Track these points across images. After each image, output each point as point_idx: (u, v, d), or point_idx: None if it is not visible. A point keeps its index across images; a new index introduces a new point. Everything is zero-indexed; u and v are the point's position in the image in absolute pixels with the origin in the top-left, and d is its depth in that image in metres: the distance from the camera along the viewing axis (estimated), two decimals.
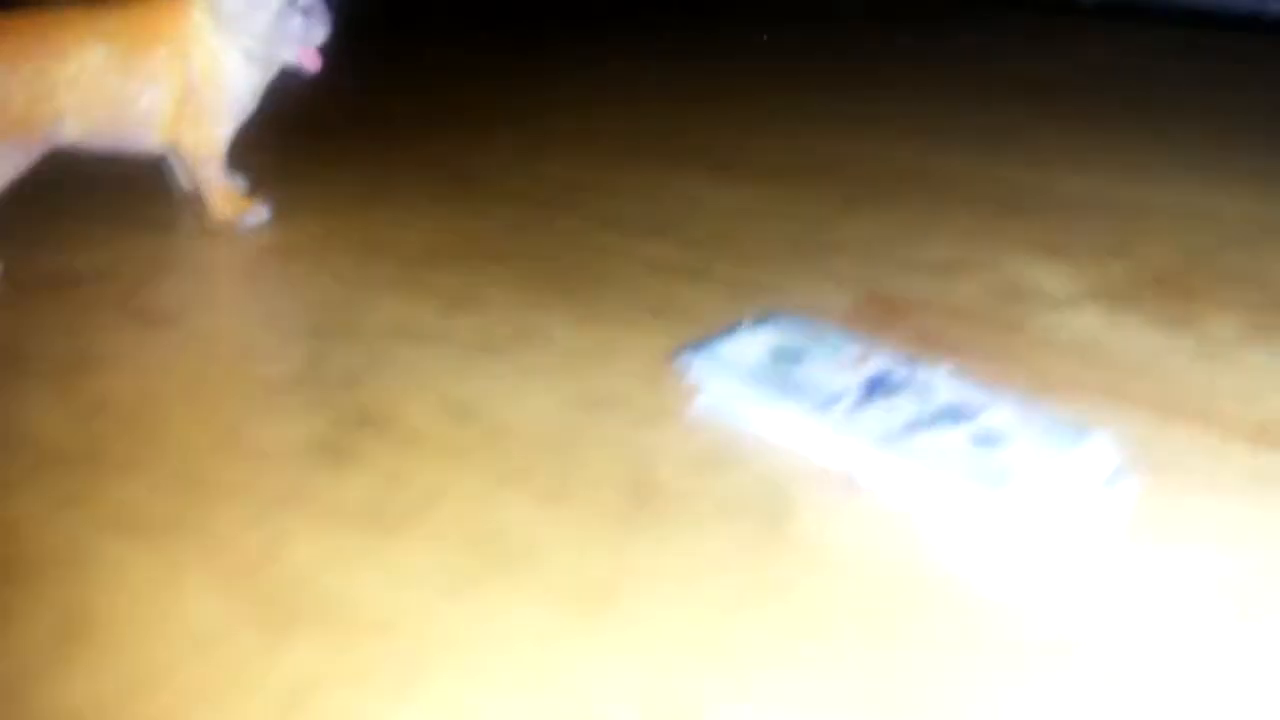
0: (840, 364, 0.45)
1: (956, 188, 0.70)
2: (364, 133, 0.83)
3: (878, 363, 0.45)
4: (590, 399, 0.46)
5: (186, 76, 0.64)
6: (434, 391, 0.48)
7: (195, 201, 0.66)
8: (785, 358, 0.45)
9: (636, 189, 0.71)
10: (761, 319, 0.48)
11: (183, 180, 0.69)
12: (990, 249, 0.61)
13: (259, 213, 0.67)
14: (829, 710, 0.32)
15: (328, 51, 0.63)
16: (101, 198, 0.68)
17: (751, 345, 0.46)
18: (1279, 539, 0.39)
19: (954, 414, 0.42)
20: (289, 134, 0.70)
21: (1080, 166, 0.74)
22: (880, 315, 0.53)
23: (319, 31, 0.63)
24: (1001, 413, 0.42)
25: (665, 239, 0.62)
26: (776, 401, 0.43)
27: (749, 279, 0.57)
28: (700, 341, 0.46)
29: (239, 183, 0.68)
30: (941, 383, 0.44)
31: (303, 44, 0.63)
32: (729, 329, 0.47)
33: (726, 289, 0.56)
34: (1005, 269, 0.58)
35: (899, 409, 0.43)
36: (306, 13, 0.62)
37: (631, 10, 1.21)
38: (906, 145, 0.78)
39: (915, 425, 0.41)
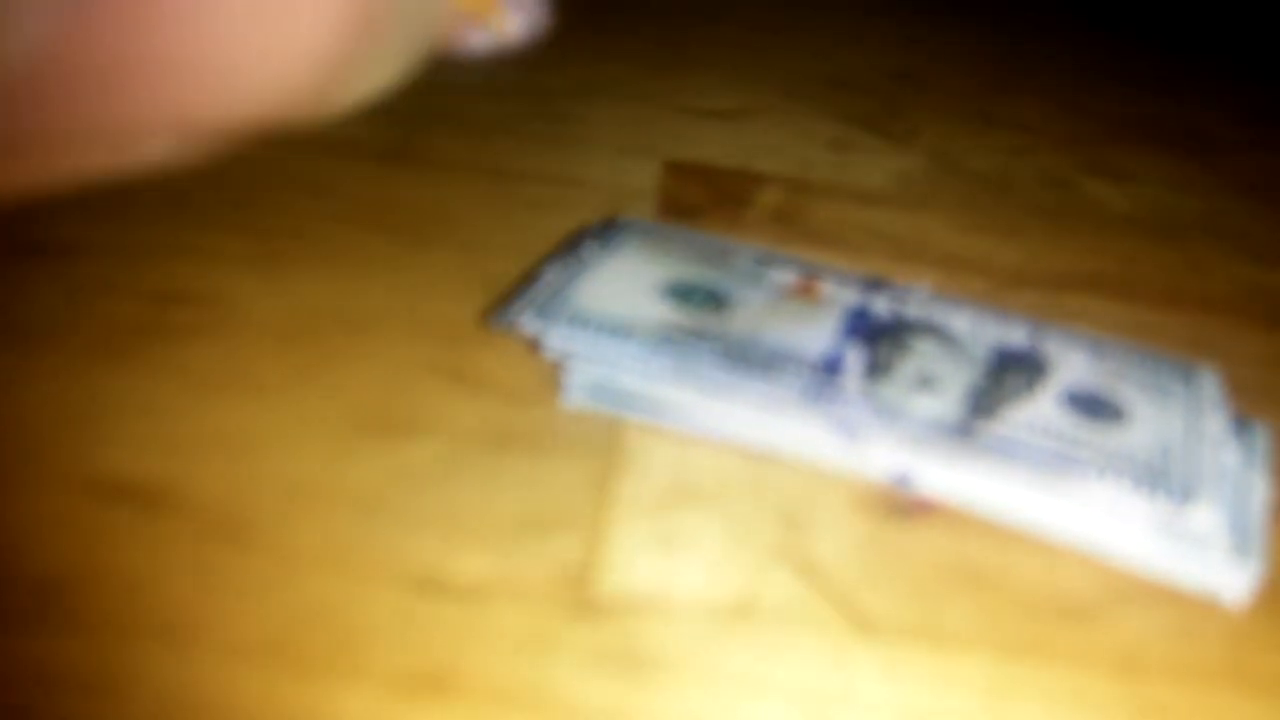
0: (782, 300, 0.27)
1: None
2: None
3: (835, 292, 0.27)
4: (364, 422, 0.24)
5: None
6: None
7: None
8: (698, 300, 0.27)
9: None
10: (609, 231, 0.29)
11: None
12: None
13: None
14: None
15: None
16: None
17: (626, 282, 0.26)
18: None
19: (1013, 367, 0.26)
20: None
21: None
22: (711, 198, 0.35)
23: None
24: (1072, 357, 0.26)
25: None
26: (731, 382, 0.24)
27: (499, 164, 0.34)
28: (530, 284, 0.26)
29: None
30: (946, 314, 0.27)
31: None
32: (566, 256, 0.28)
33: (487, 183, 0.33)
34: (788, 108, 0.42)
35: (933, 370, 0.25)
36: None
37: None
38: None
39: (978, 394, 0.25)
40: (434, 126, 0.36)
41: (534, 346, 0.26)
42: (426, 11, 0.23)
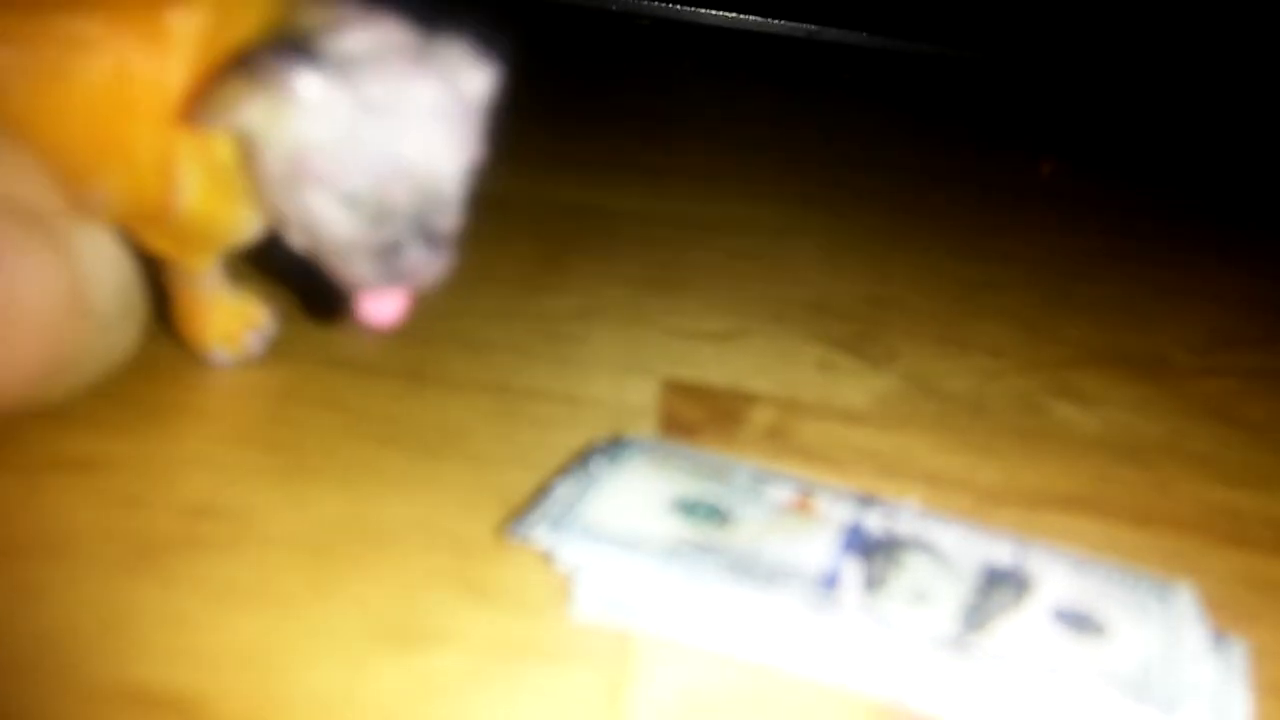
0: (780, 516, 0.29)
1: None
2: None
3: (830, 508, 0.29)
4: (383, 634, 0.25)
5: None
6: None
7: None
8: (701, 515, 0.28)
9: None
10: (616, 448, 0.31)
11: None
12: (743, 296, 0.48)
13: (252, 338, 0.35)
14: None
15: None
16: None
17: (634, 497, 0.28)
18: None
19: (1000, 583, 0.27)
20: None
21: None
22: (708, 415, 0.37)
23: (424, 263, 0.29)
24: (1054, 574, 0.28)
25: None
26: (735, 595, 0.26)
27: (508, 383, 0.36)
28: (542, 498, 0.28)
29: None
30: (936, 531, 0.29)
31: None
32: (576, 471, 0.29)
33: (497, 401, 0.35)
34: (774, 331, 0.45)
35: (924, 583, 0.27)
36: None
37: None
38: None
39: (969, 609, 0.26)
40: (447, 348, 0.39)
41: (546, 559, 0.27)
42: (111, 348, 0.30)
